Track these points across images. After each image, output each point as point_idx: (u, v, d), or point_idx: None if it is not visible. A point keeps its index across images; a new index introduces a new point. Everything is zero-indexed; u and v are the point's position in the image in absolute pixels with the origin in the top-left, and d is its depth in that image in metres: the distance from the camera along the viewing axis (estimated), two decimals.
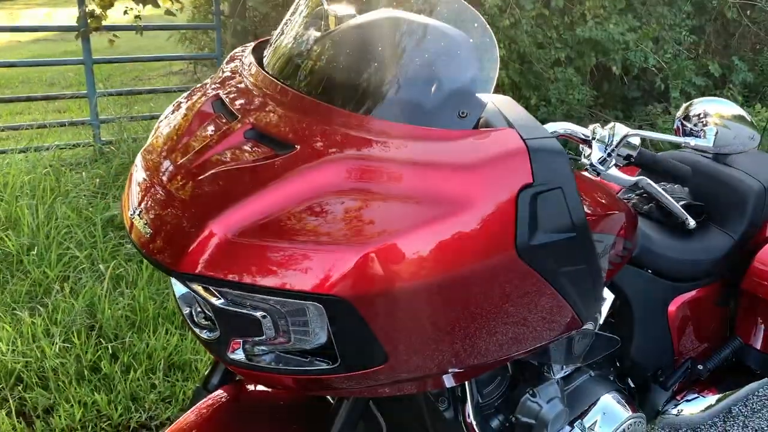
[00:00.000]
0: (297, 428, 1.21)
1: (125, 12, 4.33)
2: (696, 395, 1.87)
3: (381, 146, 0.89)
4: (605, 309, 1.58)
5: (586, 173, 1.27)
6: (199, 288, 0.90)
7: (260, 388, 1.30)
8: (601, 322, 1.57)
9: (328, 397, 1.30)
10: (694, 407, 1.85)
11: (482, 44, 0.98)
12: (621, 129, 1.19)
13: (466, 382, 1.23)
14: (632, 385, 1.76)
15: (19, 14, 16.30)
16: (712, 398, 1.88)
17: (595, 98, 5.24)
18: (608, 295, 1.58)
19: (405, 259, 0.84)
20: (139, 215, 0.97)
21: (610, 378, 1.71)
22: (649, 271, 1.68)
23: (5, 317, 2.45)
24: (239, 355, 0.96)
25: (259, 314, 0.88)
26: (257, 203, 0.87)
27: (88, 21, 4.19)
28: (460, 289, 0.88)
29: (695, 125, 1.23)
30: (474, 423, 1.24)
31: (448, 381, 1.07)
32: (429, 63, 0.98)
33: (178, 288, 1.07)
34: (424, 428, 1.31)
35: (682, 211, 1.46)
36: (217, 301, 0.90)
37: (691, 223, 1.45)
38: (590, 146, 1.21)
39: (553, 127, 1.15)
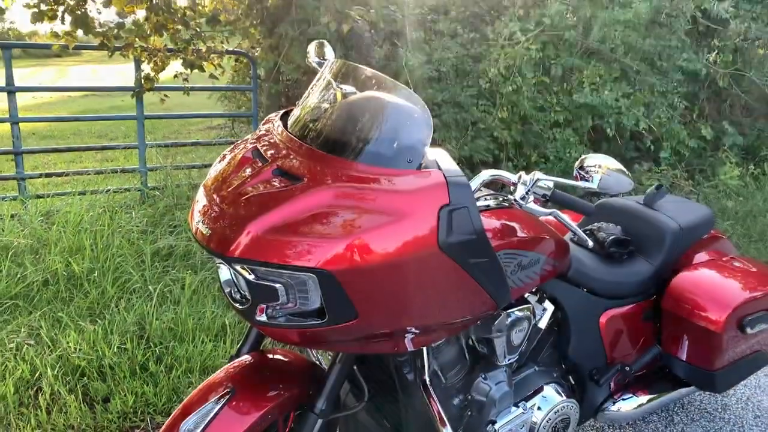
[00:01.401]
0: (300, 384, 1.68)
1: (175, 75, 4.99)
2: (631, 395, 2.29)
3: (359, 179, 1.40)
4: (546, 318, 2.04)
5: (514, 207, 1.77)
6: (239, 267, 1.40)
7: (277, 357, 1.78)
8: (543, 327, 2.04)
9: (324, 365, 1.77)
10: (628, 405, 2.26)
11: (423, 116, 1.49)
12: (537, 174, 1.69)
13: (424, 354, 1.69)
14: (573, 382, 2.19)
15: (68, 70, 17.46)
16: (644, 398, 2.29)
17: None
18: (549, 307, 2.05)
19: (369, 248, 1.33)
20: (202, 223, 1.48)
21: (554, 374, 2.15)
22: (584, 289, 2.14)
23: (72, 325, 2.97)
24: (263, 318, 1.45)
25: (277, 285, 1.38)
26: (278, 214, 1.37)
27: (143, 83, 4.85)
28: (404, 270, 1.37)
29: (587, 173, 1.71)
30: (428, 382, 1.70)
31: (408, 345, 1.54)
32: (392, 128, 1.50)
33: (223, 275, 1.58)
34: (394, 389, 1.77)
35: (584, 236, 1.94)
36: (250, 276, 1.39)
37: (590, 243, 1.91)
38: (516, 187, 1.71)
39: (484, 175, 1.65)
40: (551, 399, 2.03)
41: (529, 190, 1.69)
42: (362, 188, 1.37)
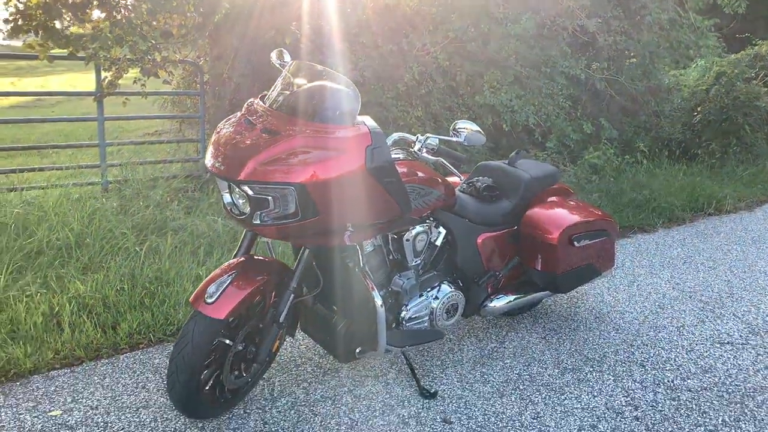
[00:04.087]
0: (277, 274, 2.56)
1: (134, 82, 5.72)
2: (502, 295, 3.27)
3: (317, 131, 2.30)
4: (440, 238, 3.00)
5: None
6: (245, 187, 2.27)
7: (260, 258, 2.65)
8: (438, 244, 3.00)
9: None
10: (500, 302, 3.24)
11: (354, 94, 2.41)
12: (428, 134, 2.66)
13: (359, 250, 2.60)
14: (461, 284, 3.15)
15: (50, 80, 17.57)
16: (512, 297, 3.28)
17: (493, 149, 6.83)
18: (442, 230, 3.01)
19: (325, 170, 2.23)
20: (218, 162, 2.33)
21: (448, 277, 3.11)
22: (466, 219, 3.11)
23: (76, 277, 3.72)
24: (258, 221, 2.32)
25: (269, 197, 2.26)
26: (269, 152, 2.24)
27: (104, 88, 5.55)
28: (346, 184, 2.27)
29: (458, 132, 2.69)
30: (366, 269, 2.61)
31: (347, 240, 2.46)
32: (336, 103, 2.40)
33: (226, 199, 2.44)
34: (342, 276, 2.67)
35: (457, 172, 2.95)
36: (251, 192, 2.27)
37: (462, 177, 2.94)
38: (414, 144, 2.67)
39: (395, 135, 2.60)
40: (445, 290, 3.00)
41: (422, 145, 2.66)
42: (319, 136, 2.29)
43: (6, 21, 4.98)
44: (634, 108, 8.23)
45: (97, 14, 5.54)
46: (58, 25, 5.31)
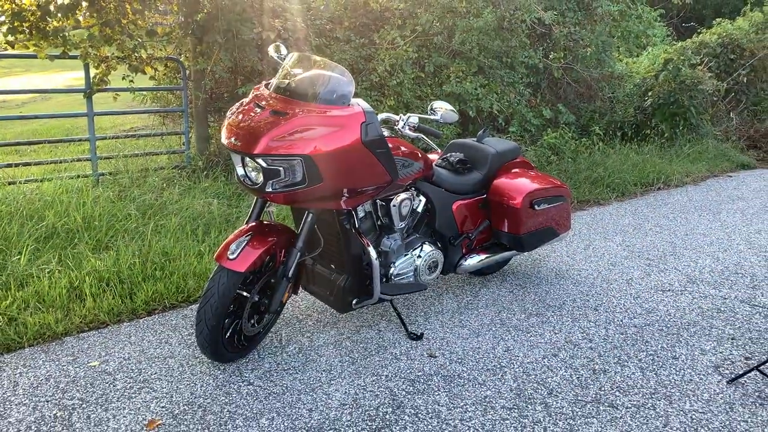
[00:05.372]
0: (285, 236, 3.00)
1: (123, 78, 6.05)
2: (475, 255, 3.77)
3: (318, 111, 2.74)
4: (421, 205, 3.48)
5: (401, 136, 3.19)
6: (259, 160, 2.70)
7: (268, 222, 3.09)
8: (420, 210, 3.47)
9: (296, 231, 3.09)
10: (473, 260, 3.73)
11: (349, 79, 2.85)
12: (409, 114, 3.12)
13: (354, 214, 3.06)
14: (440, 245, 3.63)
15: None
16: (483, 256, 3.78)
17: (460, 135, 7.34)
18: (422, 198, 3.48)
19: (328, 143, 2.68)
20: (234, 140, 2.76)
21: (429, 240, 3.58)
22: (443, 189, 3.59)
23: (89, 254, 4.09)
24: (269, 189, 2.76)
25: (280, 168, 2.69)
26: (278, 130, 2.68)
27: (93, 85, 5.88)
28: (345, 155, 2.73)
29: (434, 111, 3.16)
30: (361, 230, 3.06)
31: (344, 204, 2.91)
32: (333, 87, 2.84)
33: (239, 171, 2.86)
34: (339, 238, 3.12)
35: (433, 144, 3.40)
36: (264, 164, 2.70)
37: (439, 151, 3.38)
38: (398, 122, 3.13)
39: (383, 114, 3.05)
40: (426, 250, 3.47)
41: (405, 123, 3.12)
42: (321, 115, 2.73)
43: (2, 23, 5.27)
44: (590, 94, 8.83)
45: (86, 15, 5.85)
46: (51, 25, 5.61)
